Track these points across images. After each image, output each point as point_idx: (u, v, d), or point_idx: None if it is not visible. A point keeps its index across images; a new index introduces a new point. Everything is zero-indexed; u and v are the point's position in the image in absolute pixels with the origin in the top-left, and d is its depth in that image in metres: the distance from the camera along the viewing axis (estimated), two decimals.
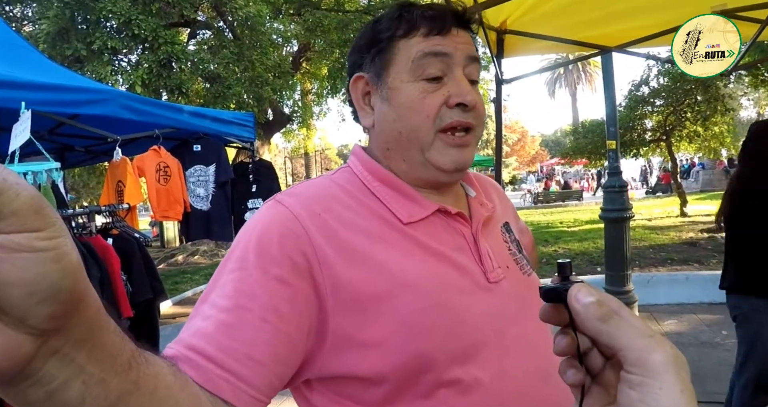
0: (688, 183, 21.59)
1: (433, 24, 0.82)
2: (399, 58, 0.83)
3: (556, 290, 0.49)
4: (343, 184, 0.85)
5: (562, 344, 0.49)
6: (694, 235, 8.62)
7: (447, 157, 0.82)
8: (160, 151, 3.92)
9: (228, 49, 9.41)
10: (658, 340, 0.44)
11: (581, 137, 13.63)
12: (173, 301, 7.05)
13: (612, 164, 5.29)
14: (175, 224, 12.89)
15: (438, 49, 0.81)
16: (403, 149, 0.85)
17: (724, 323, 4.58)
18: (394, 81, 0.83)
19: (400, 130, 0.83)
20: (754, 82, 9.72)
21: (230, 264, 0.74)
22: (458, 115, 0.82)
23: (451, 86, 0.82)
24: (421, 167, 0.84)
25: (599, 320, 0.45)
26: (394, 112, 0.83)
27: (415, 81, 0.82)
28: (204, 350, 0.65)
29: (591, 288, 0.47)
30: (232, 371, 0.64)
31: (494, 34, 3.15)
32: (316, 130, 21.49)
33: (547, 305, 0.51)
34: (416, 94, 0.81)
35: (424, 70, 0.81)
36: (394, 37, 0.83)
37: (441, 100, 0.81)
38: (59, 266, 0.33)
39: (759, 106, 26.30)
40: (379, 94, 0.85)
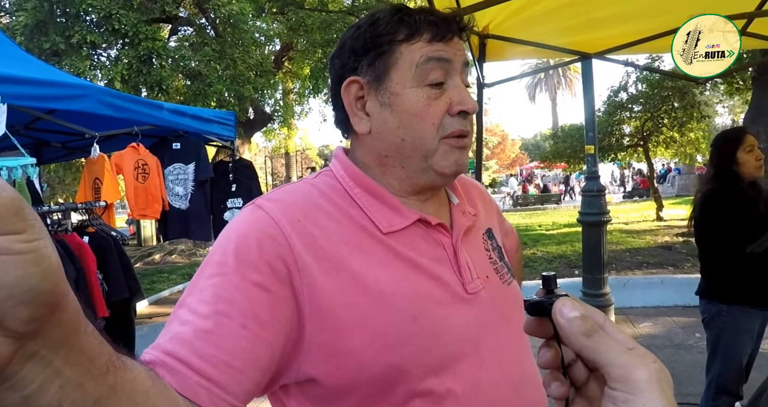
0: (664, 187, 21.97)
1: (437, 30, 0.81)
2: (401, 63, 0.81)
3: (540, 304, 0.49)
4: (324, 190, 0.84)
5: (546, 357, 0.49)
6: (669, 239, 8.77)
7: (450, 160, 0.82)
8: (139, 148, 3.87)
9: (210, 47, 9.34)
10: (641, 355, 0.44)
11: (560, 141, 13.77)
12: (150, 301, 6.96)
13: (590, 169, 5.36)
14: (152, 222, 12.73)
15: (442, 55, 0.81)
16: (404, 156, 0.83)
17: (698, 326, 4.63)
18: (397, 86, 0.81)
19: (403, 137, 0.82)
20: (729, 90, 9.94)
21: (209, 269, 0.73)
22: (459, 123, 0.82)
23: (452, 93, 0.81)
24: (421, 173, 0.84)
25: (583, 335, 0.45)
26: (398, 118, 0.81)
27: (418, 87, 0.80)
28: (182, 356, 0.64)
29: (576, 302, 0.47)
30: (210, 377, 0.64)
31: (476, 38, 3.18)
32: (297, 130, 21.37)
33: (531, 318, 0.51)
34: (421, 100, 0.80)
35: (428, 75, 0.80)
36: (395, 41, 0.81)
37: (444, 108, 0.81)
38: (39, 269, 0.32)
39: (733, 113, 26.85)
40: (378, 99, 0.83)
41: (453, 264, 0.84)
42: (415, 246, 0.82)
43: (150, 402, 0.53)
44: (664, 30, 3.12)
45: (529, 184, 30.01)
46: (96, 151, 3.57)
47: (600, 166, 16.61)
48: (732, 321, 2.58)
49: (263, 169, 22.77)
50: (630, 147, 12.16)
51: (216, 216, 4.62)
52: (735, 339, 2.59)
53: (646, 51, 3.77)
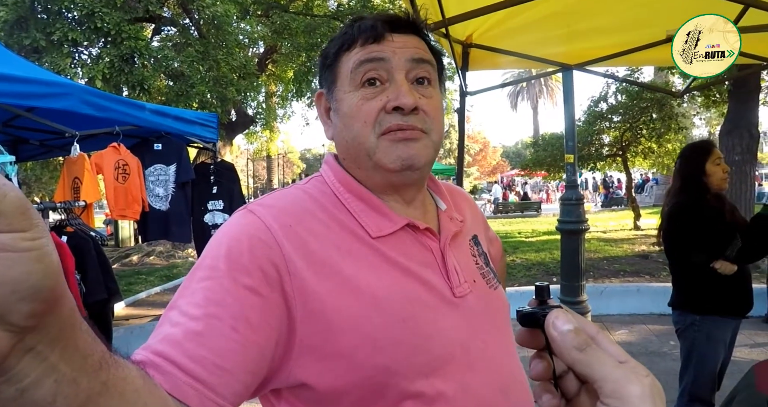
0: (642, 197, 22.30)
1: (368, 33, 0.84)
2: (342, 71, 0.86)
3: (533, 315, 0.49)
4: (315, 195, 0.85)
5: (538, 369, 0.49)
6: (646, 248, 8.91)
7: (392, 154, 0.82)
8: (120, 148, 3.84)
9: (193, 48, 9.28)
10: (634, 370, 0.44)
11: (541, 149, 13.90)
12: (126, 302, 6.87)
13: (569, 177, 5.43)
14: (130, 223, 12.57)
15: (373, 55, 0.83)
16: (353, 157, 0.86)
17: (672, 334, 4.69)
18: (339, 92, 0.86)
19: (347, 138, 0.85)
20: (706, 103, 10.14)
21: (200, 272, 0.74)
22: (397, 119, 0.82)
23: (390, 90, 0.83)
24: (374, 172, 0.85)
25: (576, 349, 0.45)
26: (341, 122, 0.86)
27: (355, 90, 0.84)
28: (172, 356, 0.65)
29: (569, 315, 0.47)
30: (200, 379, 0.65)
31: (460, 47, 3.22)
32: (279, 133, 21.30)
33: (523, 329, 0.50)
34: (355, 102, 0.83)
35: (361, 76, 0.83)
36: (339, 52, 0.86)
37: (380, 106, 0.82)
38: (42, 266, 0.34)
39: (710, 125, 27.40)
40: (333, 107, 0.88)
41: (441, 268, 0.86)
42: (404, 250, 0.83)
43: (141, 401, 0.54)
44: (643, 43, 3.20)
45: (509, 191, 30.24)
46: (76, 150, 3.53)
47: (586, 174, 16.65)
48: (705, 331, 2.64)
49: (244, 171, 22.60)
50: (609, 156, 12.32)
51: (196, 218, 4.60)
52: (708, 349, 2.65)
53: (626, 63, 3.85)
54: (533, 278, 7.02)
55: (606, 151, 12.28)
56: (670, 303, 2.86)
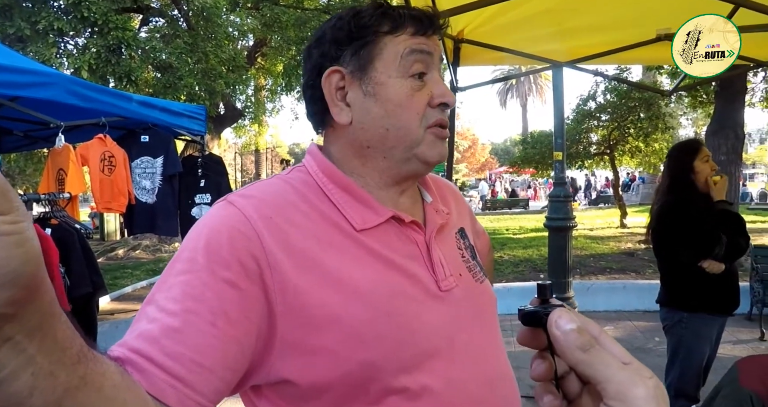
0: (628, 195, 22.48)
1: (419, 24, 0.83)
2: (386, 53, 0.82)
3: (535, 314, 0.48)
4: (297, 186, 0.83)
5: (540, 369, 0.48)
6: (632, 246, 8.99)
7: (435, 149, 0.84)
8: (106, 139, 3.79)
9: (181, 39, 9.19)
10: (638, 371, 0.43)
11: (530, 147, 13.95)
12: (112, 297, 6.80)
13: (558, 174, 5.47)
14: (116, 216, 12.45)
15: (424, 48, 0.83)
16: (387, 146, 0.83)
17: (657, 330, 4.79)
18: (382, 76, 0.82)
19: (387, 126, 0.82)
20: (693, 103, 10.23)
21: (178, 266, 0.72)
22: (440, 114, 0.84)
23: (433, 87, 0.83)
24: (404, 163, 0.84)
25: (579, 349, 0.43)
26: (383, 108, 0.82)
27: (403, 77, 0.82)
28: (149, 354, 0.64)
29: (572, 314, 0.46)
30: (178, 376, 0.63)
31: (451, 42, 3.21)
32: (268, 127, 21.15)
33: (525, 328, 0.49)
34: (406, 91, 0.82)
35: (411, 66, 0.82)
36: (379, 32, 0.82)
37: (426, 99, 0.83)
38: (23, 250, 0.33)
39: (696, 125, 27.70)
40: (361, 89, 0.82)
41: (426, 261, 0.84)
42: (388, 243, 0.82)
43: (120, 398, 0.53)
44: (633, 42, 3.21)
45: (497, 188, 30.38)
46: (61, 141, 3.48)
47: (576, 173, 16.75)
48: (692, 328, 2.68)
49: (232, 165, 22.43)
50: (597, 155, 12.40)
51: (183, 212, 4.55)
52: (695, 346, 2.69)
53: (615, 62, 3.87)
54: (521, 274, 7.06)
55: (594, 149, 12.36)
56: (658, 300, 2.89)
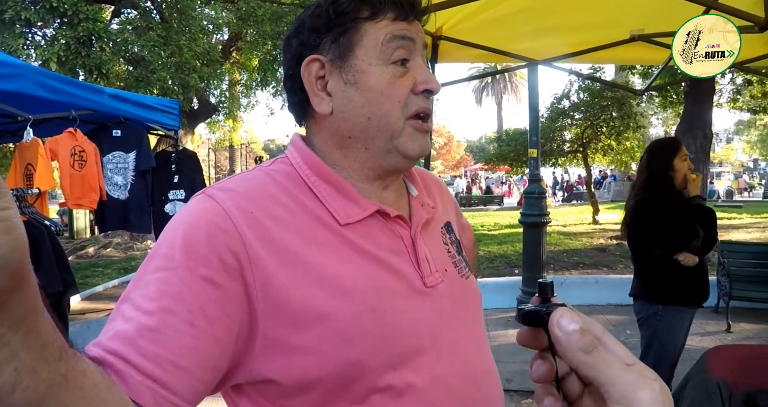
0: (600, 193, 22.87)
1: (400, 9, 0.81)
2: (367, 40, 0.79)
3: (536, 313, 0.46)
4: (279, 179, 0.80)
5: (541, 370, 0.46)
6: (604, 242, 9.14)
7: (416, 142, 0.81)
8: (76, 134, 3.70)
9: (154, 32, 9.02)
10: (642, 373, 0.41)
11: (504, 144, 14.10)
12: (82, 296, 6.65)
13: (532, 171, 5.54)
14: (86, 213, 12.20)
15: (406, 34, 0.80)
16: (369, 136, 0.81)
17: (629, 323, 4.94)
18: (363, 63, 0.79)
19: (369, 115, 0.80)
20: (664, 103, 10.46)
21: (155, 262, 0.70)
22: (423, 102, 0.81)
23: (416, 73, 0.81)
24: (385, 155, 0.82)
25: (582, 351, 0.42)
26: (364, 96, 0.79)
27: (384, 64, 0.79)
28: (124, 355, 0.62)
29: (574, 314, 0.44)
30: (154, 377, 0.62)
31: (430, 39, 3.22)
32: (242, 123, 20.98)
33: (525, 328, 0.48)
34: (387, 78, 0.79)
35: (392, 53, 0.79)
36: (359, 18, 0.79)
37: (408, 86, 0.80)
38: (10, 238, 0.32)
39: (666, 125, 28.36)
40: (342, 77, 0.80)
41: (411, 256, 0.83)
42: (373, 238, 0.80)
43: (100, 397, 0.52)
44: (607, 42, 3.26)
45: (473, 185, 30.62)
46: (29, 134, 3.39)
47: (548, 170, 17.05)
48: (667, 320, 2.75)
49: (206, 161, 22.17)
50: (570, 153, 12.59)
51: (156, 208, 4.48)
52: (669, 337, 2.77)
53: (590, 61, 3.92)
54: (495, 270, 7.12)
55: (567, 147, 12.53)
56: (631, 293, 2.95)
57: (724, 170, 41.15)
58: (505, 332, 5.05)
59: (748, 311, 5.48)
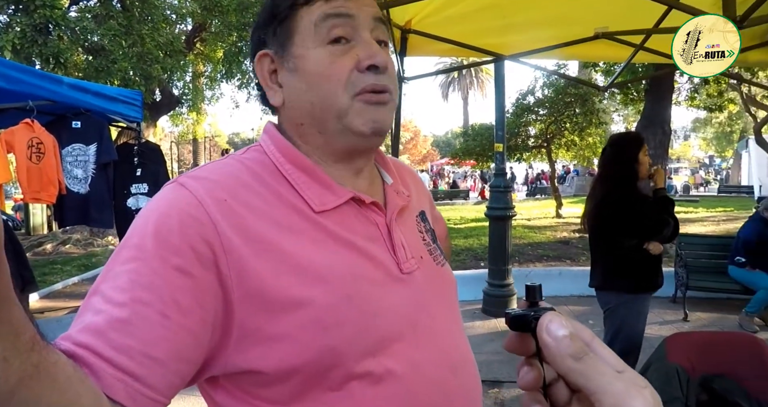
0: (563, 187, 23.35)
1: None
2: (302, 25, 0.79)
3: (524, 318, 0.44)
4: (252, 167, 0.79)
5: (528, 378, 0.44)
6: (567, 235, 9.35)
7: (366, 116, 0.78)
8: (34, 125, 3.58)
9: (115, 20, 8.75)
10: (634, 381, 0.40)
11: (470, 139, 14.24)
12: (41, 294, 6.45)
13: (498, 166, 5.60)
14: (43, 209, 11.83)
15: (340, 11, 0.78)
16: (318, 121, 0.80)
17: (591, 313, 5.09)
18: (300, 49, 0.79)
19: (312, 100, 0.79)
20: (625, 100, 10.71)
21: (125, 253, 0.68)
22: (371, 79, 0.77)
23: (360, 49, 0.78)
24: (340, 136, 0.80)
25: (572, 357, 0.40)
26: (304, 81, 0.79)
27: (320, 45, 0.78)
28: (95, 348, 0.60)
29: (563, 319, 0.43)
30: (127, 371, 0.60)
31: (398, 32, 3.22)
32: (206, 116, 20.61)
33: (512, 334, 0.46)
34: (324, 59, 0.77)
35: (328, 32, 0.77)
36: (295, 5, 0.79)
37: (351, 64, 0.77)
38: None
39: (627, 121, 29.10)
40: (286, 67, 0.80)
41: (387, 243, 0.82)
42: (348, 225, 0.79)
43: (73, 389, 0.51)
44: (573, 39, 3.32)
45: (440, 179, 30.86)
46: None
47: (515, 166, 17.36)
48: (636, 308, 2.87)
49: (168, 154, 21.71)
50: (534, 148, 12.80)
51: (118, 202, 4.37)
52: (637, 324, 2.89)
53: (555, 57, 3.98)
54: (462, 263, 7.20)
55: (532, 142, 12.73)
56: (596, 285, 3.02)
57: (682, 166, 42.42)
58: (471, 323, 5.13)
59: (704, 300, 5.71)
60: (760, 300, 4.95)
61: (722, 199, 19.52)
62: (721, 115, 27.35)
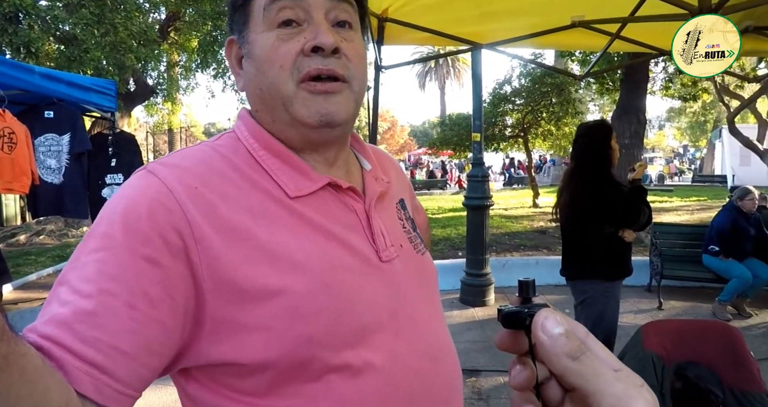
0: (540, 177, 23.59)
1: None
2: (254, 11, 0.77)
3: (517, 315, 0.42)
4: (225, 153, 0.77)
5: (521, 377, 0.42)
6: (544, 224, 9.46)
7: (311, 107, 0.74)
8: (5, 114, 3.51)
9: (87, 9, 8.55)
10: (631, 380, 0.38)
11: (448, 129, 14.29)
12: (14, 285, 6.34)
13: (476, 155, 5.64)
14: (16, 199, 11.56)
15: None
16: (268, 108, 0.78)
17: (567, 302, 5.12)
18: (252, 34, 0.77)
19: (260, 86, 0.77)
20: (600, 90, 10.85)
21: (93, 242, 0.66)
22: (317, 62, 0.74)
23: (308, 31, 0.75)
24: (290, 126, 0.77)
25: (569, 356, 0.39)
26: (254, 67, 0.77)
27: (269, 30, 0.75)
28: (61, 340, 0.58)
29: (558, 315, 0.41)
30: (94, 363, 0.59)
31: (376, 20, 3.22)
32: (181, 106, 20.35)
33: (505, 331, 0.44)
34: (270, 42, 0.75)
35: (276, 14, 0.75)
36: None
37: (297, 48, 0.74)
38: None
39: (603, 111, 29.49)
40: (244, 52, 0.79)
41: (366, 230, 0.80)
42: (325, 212, 0.77)
43: (42, 382, 0.51)
44: (549, 27, 3.35)
45: (417, 169, 30.94)
46: None
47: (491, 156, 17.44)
48: (614, 295, 2.92)
49: (144, 145, 21.36)
50: (511, 138, 12.90)
51: (93, 193, 4.31)
52: (614, 311, 2.95)
53: (532, 46, 4.02)
54: (440, 253, 7.26)
55: (509, 132, 12.83)
56: (569, 274, 3.05)
57: (656, 155, 43.09)
58: (449, 313, 5.17)
59: (678, 289, 5.81)
60: (732, 289, 5.01)
61: (696, 189, 19.83)
62: (696, 105, 27.86)
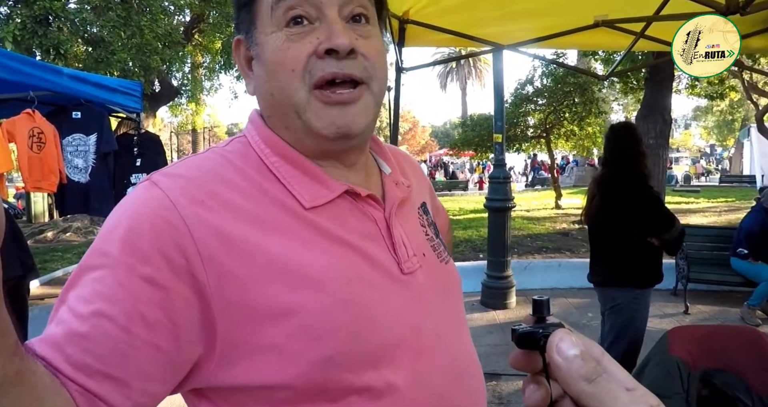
0: (563, 178, 23.36)
1: None
2: (262, 9, 0.70)
3: (532, 335, 0.42)
4: (235, 161, 0.72)
5: (536, 397, 0.41)
6: (566, 226, 9.36)
7: (326, 119, 0.69)
8: (35, 115, 3.59)
9: (114, 12, 8.74)
10: (647, 400, 0.38)
11: (469, 130, 14.22)
12: (41, 281, 6.50)
13: (497, 156, 5.60)
14: (44, 197, 11.85)
15: None
16: (281, 114, 0.72)
17: (590, 306, 5.08)
18: (260, 35, 0.71)
19: (271, 91, 0.71)
20: (624, 89, 10.68)
21: (91, 259, 0.63)
22: (331, 66, 0.67)
23: (320, 30, 0.68)
24: (305, 135, 0.71)
25: (585, 379, 0.38)
26: (264, 70, 0.71)
27: (278, 30, 0.69)
28: (53, 361, 0.57)
29: (573, 336, 0.40)
30: (86, 388, 0.57)
31: (397, 22, 3.22)
32: (205, 106, 20.60)
33: (519, 351, 0.43)
34: (279, 44, 0.68)
35: (284, 13, 0.68)
36: None
37: (310, 49, 0.68)
38: None
39: (627, 110, 29.08)
40: (253, 54, 0.73)
41: (386, 240, 0.75)
42: (342, 221, 0.72)
43: (49, 400, 0.51)
44: (572, 27, 3.31)
45: (437, 170, 30.87)
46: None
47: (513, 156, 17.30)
48: (643, 302, 2.85)
49: (168, 145, 21.68)
50: (534, 138, 12.78)
51: (119, 192, 4.39)
52: (643, 318, 2.87)
53: (554, 46, 3.98)
54: (461, 254, 7.22)
55: (531, 132, 12.71)
56: (599, 281, 2.97)
57: (682, 155, 42.41)
58: (470, 316, 5.14)
59: (705, 293, 5.68)
60: (762, 293, 4.84)
61: (724, 189, 19.43)
62: (723, 103, 27.28)
